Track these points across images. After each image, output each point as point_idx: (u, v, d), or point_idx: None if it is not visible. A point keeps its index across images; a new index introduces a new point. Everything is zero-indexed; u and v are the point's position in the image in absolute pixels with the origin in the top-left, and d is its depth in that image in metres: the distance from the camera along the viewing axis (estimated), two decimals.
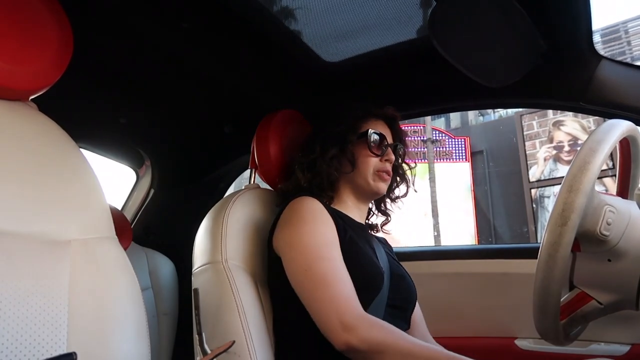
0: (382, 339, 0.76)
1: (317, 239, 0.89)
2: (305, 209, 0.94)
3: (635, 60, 6.79)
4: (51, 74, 0.73)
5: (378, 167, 1.04)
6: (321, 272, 0.84)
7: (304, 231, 0.90)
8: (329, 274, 0.84)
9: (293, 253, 0.89)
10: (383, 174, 1.04)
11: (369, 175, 1.04)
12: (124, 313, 0.68)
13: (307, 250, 0.88)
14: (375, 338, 0.76)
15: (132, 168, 1.90)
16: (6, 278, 0.60)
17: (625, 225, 0.72)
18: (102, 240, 0.72)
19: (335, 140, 1.05)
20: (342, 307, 0.80)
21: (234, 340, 0.82)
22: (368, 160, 1.04)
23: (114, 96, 1.35)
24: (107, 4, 0.96)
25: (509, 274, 1.36)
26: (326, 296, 0.82)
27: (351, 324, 0.77)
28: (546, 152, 6.57)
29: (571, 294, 0.77)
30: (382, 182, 1.05)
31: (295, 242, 0.90)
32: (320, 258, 0.86)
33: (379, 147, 1.05)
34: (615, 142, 0.69)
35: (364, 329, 0.77)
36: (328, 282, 0.83)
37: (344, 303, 0.81)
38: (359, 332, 0.76)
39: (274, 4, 1.04)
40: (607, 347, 1.24)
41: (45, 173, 0.70)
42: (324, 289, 0.82)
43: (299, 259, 0.88)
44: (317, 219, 0.93)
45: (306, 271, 0.86)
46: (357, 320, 0.78)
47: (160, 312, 1.66)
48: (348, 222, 1.00)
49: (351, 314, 0.79)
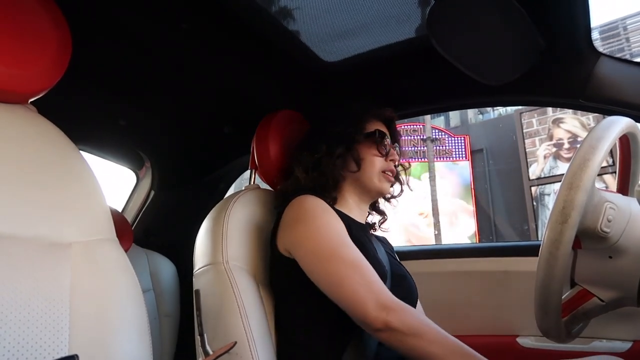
0: (419, 323, 0.77)
1: (335, 229, 0.90)
2: (312, 205, 0.94)
3: (635, 57, 6.79)
4: (50, 77, 0.73)
5: (384, 167, 1.05)
6: (350, 257, 0.85)
7: (319, 224, 0.90)
8: (357, 259, 0.85)
9: (311, 245, 0.88)
10: (388, 174, 1.05)
11: (375, 175, 1.04)
12: (125, 315, 0.68)
13: (328, 240, 0.88)
14: (414, 321, 0.77)
15: (132, 170, 1.89)
16: (7, 281, 0.60)
17: (625, 222, 0.72)
18: (102, 242, 0.72)
19: (341, 139, 1.05)
20: (378, 289, 0.81)
21: (236, 341, 0.82)
22: (374, 160, 1.05)
23: (113, 98, 1.35)
24: (104, 5, 0.96)
25: (510, 272, 1.36)
26: (359, 279, 0.82)
27: (391, 304, 0.79)
28: (546, 149, 6.57)
29: (572, 292, 0.77)
30: (387, 182, 1.06)
31: (312, 235, 0.89)
32: (344, 245, 0.87)
33: (384, 146, 1.06)
34: (614, 139, 0.69)
35: (403, 310, 0.78)
36: (357, 266, 0.84)
37: (379, 285, 0.82)
38: (399, 314, 0.77)
39: (272, 4, 1.04)
40: (609, 344, 1.24)
41: (46, 176, 0.70)
42: (354, 273, 0.83)
43: (320, 250, 0.87)
44: (327, 212, 0.94)
45: (332, 258, 0.85)
46: (396, 302, 0.79)
47: (161, 313, 1.66)
48: (351, 222, 1.00)
49: (388, 295, 0.80)
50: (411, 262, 1.43)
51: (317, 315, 0.90)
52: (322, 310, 0.88)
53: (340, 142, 1.05)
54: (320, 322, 0.90)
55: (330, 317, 0.88)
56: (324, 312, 0.88)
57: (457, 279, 1.42)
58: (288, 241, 0.93)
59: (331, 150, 1.04)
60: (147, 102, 1.40)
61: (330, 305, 0.85)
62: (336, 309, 0.84)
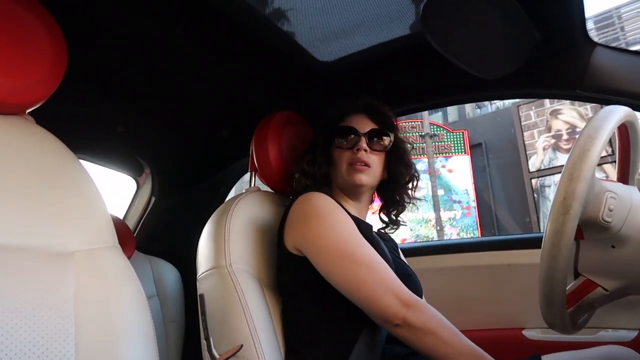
0: (436, 322, 0.80)
1: (348, 227, 0.91)
2: (322, 202, 0.94)
3: (630, 46, 6.79)
4: (47, 86, 0.73)
5: (350, 159, 1.04)
6: (366, 256, 0.86)
7: (331, 222, 0.91)
8: (374, 258, 0.86)
9: (325, 243, 0.88)
10: (357, 165, 1.03)
11: (345, 170, 1.04)
12: (130, 322, 0.68)
13: (342, 238, 0.88)
14: (431, 319, 0.80)
15: (132, 177, 1.90)
16: (11, 292, 0.60)
17: (627, 211, 0.72)
18: (105, 250, 0.72)
19: (321, 139, 1.08)
20: (397, 286, 0.83)
21: (242, 344, 0.82)
22: (340, 154, 1.05)
23: (110, 105, 1.35)
24: (99, 13, 0.96)
25: (514, 265, 1.36)
26: (378, 277, 0.84)
27: (410, 301, 0.81)
28: (545, 141, 6.57)
29: (576, 282, 0.77)
30: (358, 172, 1.02)
31: (325, 233, 0.89)
32: (358, 244, 0.88)
33: (347, 139, 1.05)
34: (613, 128, 0.68)
35: (423, 308, 0.81)
36: (374, 264, 0.85)
37: (397, 283, 0.84)
38: (418, 311, 0.80)
39: (266, 6, 1.04)
40: (615, 333, 1.24)
41: (46, 186, 0.70)
42: (373, 271, 0.84)
43: (335, 248, 0.87)
44: (338, 210, 0.94)
45: (348, 256, 0.86)
46: (415, 300, 0.81)
47: (166, 319, 1.66)
48: (358, 220, 1.00)
49: (407, 292, 0.82)
50: (415, 259, 1.43)
51: (327, 313, 0.90)
52: (332, 307, 0.88)
53: (318, 145, 1.08)
54: (330, 320, 0.90)
55: (340, 314, 0.88)
56: (335, 309, 0.88)
57: (461, 274, 1.42)
58: (298, 239, 0.92)
59: (311, 153, 1.08)
60: (144, 108, 1.40)
61: (340, 303, 0.85)
62: (347, 306, 0.85)
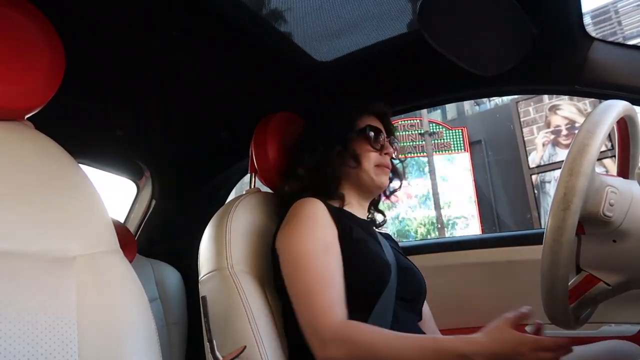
0: (363, 345, 0.78)
1: (310, 246, 0.90)
2: (305, 211, 0.95)
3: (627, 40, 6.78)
4: (45, 92, 0.73)
5: (378, 161, 1.06)
6: (309, 279, 0.86)
7: (299, 234, 0.92)
8: (316, 282, 0.86)
9: (287, 256, 0.92)
10: (384, 167, 1.07)
11: (371, 170, 1.06)
12: (133, 325, 0.68)
13: (299, 257, 0.89)
14: (355, 346, 0.78)
15: (132, 180, 1.89)
16: (13, 298, 0.59)
17: (628, 205, 0.72)
18: (106, 254, 0.72)
19: (336, 138, 1.07)
20: (319, 321, 0.82)
21: (245, 346, 0.82)
22: (369, 155, 1.06)
23: (109, 109, 1.35)
24: (95, 17, 0.96)
25: (515, 261, 1.36)
26: (307, 307, 0.84)
27: (326, 336, 0.80)
28: (544, 137, 6.56)
29: (578, 277, 0.77)
30: (384, 175, 1.07)
31: (289, 247, 0.92)
32: (307, 268, 0.88)
33: (377, 141, 1.07)
34: (612, 123, 0.69)
35: (343, 340, 0.79)
36: (311, 291, 0.85)
37: (321, 317, 0.82)
38: (337, 345, 0.78)
39: (263, 6, 1.04)
40: (618, 328, 1.24)
41: (46, 191, 0.70)
42: (306, 299, 0.85)
43: (290, 266, 0.90)
44: (316, 221, 0.94)
45: (295, 279, 0.88)
46: (333, 333, 0.80)
47: (169, 322, 1.66)
48: (354, 220, 1.01)
49: (328, 326, 0.81)
50: (416, 257, 1.43)
51: None
52: None
53: (336, 141, 1.06)
54: None
55: None
56: None
57: (462, 271, 1.42)
58: (278, 244, 0.95)
59: (328, 149, 1.06)
60: (143, 111, 1.40)
61: None
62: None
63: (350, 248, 0.93)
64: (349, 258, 0.92)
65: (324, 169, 1.05)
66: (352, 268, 0.90)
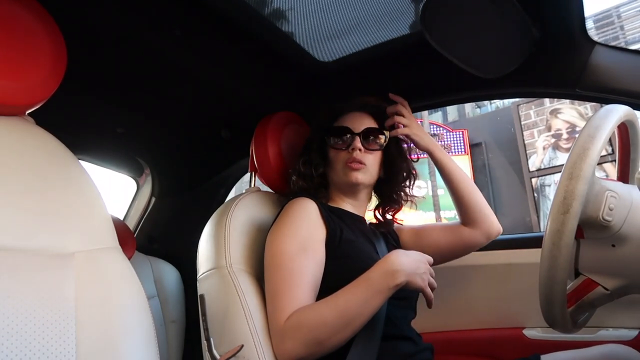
0: (311, 326, 0.81)
1: (287, 246, 0.91)
2: (293, 212, 0.97)
3: (629, 45, 6.79)
4: (46, 87, 0.73)
5: (346, 158, 1.06)
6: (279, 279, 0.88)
7: (280, 234, 0.93)
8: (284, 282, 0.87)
9: (266, 255, 0.94)
10: (352, 164, 1.04)
11: (340, 170, 1.06)
12: (131, 323, 0.68)
13: (274, 256, 0.91)
14: (305, 332, 0.81)
15: (132, 177, 1.90)
16: (12, 294, 0.60)
17: (627, 210, 0.72)
18: (105, 251, 0.72)
19: (315, 140, 1.11)
20: (277, 320, 0.84)
21: (243, 345, 0.82)
22: (336, 154, 1.08)
23: (110, 106, 1.35)
24: (98, 14, 0.96)
25: (514, 264, 1.36)
26: (271, 306, 0.87)
27: (281, 335, 0.82)
28: (545, 140, 6.57)
29: (577, 281, 0.77)
30: (353, 171, 1.05)
31: (269, 246, 0.94)
32: (279, 268, 0.89)
33: (342, 139, 1.07)
34: (613, 128, 0.69)
35: (291, 334, 0.81)
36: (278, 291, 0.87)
37: (279, 315, 0.84)
38: (290, 341, 0.81)
39: (265, 6, 1.04)
40: (616, 332, 1.24)
41: (46, 187, 0.70)
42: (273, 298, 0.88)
43: (267, 265, 0.92)
44: (301, 221, 0.95)
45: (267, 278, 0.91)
46: (285, 328, 0.82)
47: (167, 319, 1.66)
48: (345, 219, 1.02)
49: (282, 324, 0.83)
50: None
51: None
52: None
53: (316, 144, 1.10)
54: None
55: None
56: None
57: (461, 273, 1.42)
58: (265, 243, 0.96)
59: (307, 153, 1.10)
60: (144, 109, 1.40)
61: None
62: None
63: (339, 248, 0.94)
64: (337, 258, 0.93)
65: (309, 171, 1.08)
66: (340, 268, 0.91)
